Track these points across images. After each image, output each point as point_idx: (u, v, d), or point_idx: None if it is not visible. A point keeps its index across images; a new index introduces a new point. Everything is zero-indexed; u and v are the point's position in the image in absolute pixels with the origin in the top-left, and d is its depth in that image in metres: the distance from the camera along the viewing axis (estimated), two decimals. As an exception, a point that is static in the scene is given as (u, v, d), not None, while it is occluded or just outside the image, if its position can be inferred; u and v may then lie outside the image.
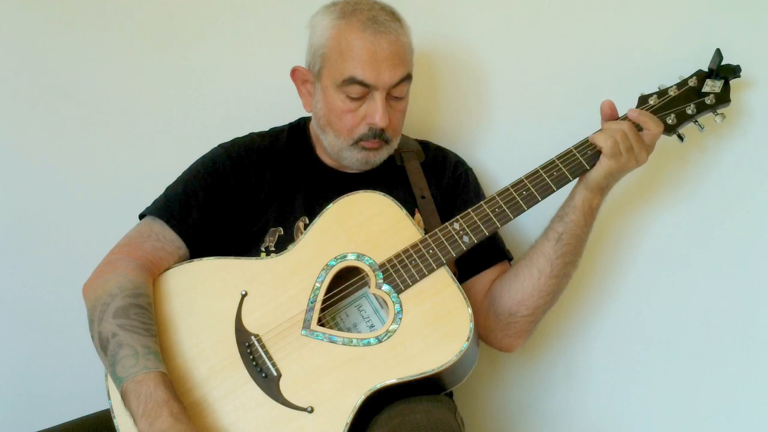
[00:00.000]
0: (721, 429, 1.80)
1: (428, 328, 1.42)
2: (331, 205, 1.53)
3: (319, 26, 1.56)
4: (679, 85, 1.59)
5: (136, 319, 1.41)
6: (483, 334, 1.59)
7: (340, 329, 1.49)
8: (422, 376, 1.38)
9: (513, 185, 1.51)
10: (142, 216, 1.59)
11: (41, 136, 1.92)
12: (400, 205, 1.53)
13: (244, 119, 1.74)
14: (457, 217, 1.50)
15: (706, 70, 1.59)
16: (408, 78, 1.55)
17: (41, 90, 1.91)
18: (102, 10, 1.90)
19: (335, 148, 1.59)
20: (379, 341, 1.42)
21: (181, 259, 1.54)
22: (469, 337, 1.40)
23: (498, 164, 1.82)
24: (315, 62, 1.56)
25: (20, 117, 1.92)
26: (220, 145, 1.65)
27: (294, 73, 1.62)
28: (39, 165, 1.92)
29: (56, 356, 1.93)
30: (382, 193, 1.53)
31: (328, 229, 1.52)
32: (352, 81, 1.51)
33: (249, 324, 1.46)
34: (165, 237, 1.54)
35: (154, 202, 1.59)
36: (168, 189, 1.60)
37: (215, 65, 1.91)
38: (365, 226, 1.51)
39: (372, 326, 1.50)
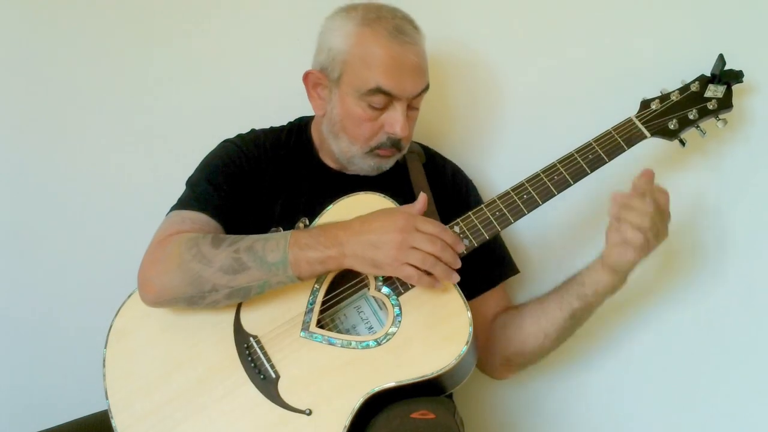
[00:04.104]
0: (721, 429, 1.80)
1: (427, 331, 1.42)
2: (330, 206, 1.52)
3: (339, 31, 1.52)
4: (681, 90, 1.58)
5: (233, 236, 1.44)
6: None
7: (339, 331, 1.49)
8: (421, 379, 1.38)
9: (514, 189, 1.50)
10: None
11: (45, 137, 1.92)
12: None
13: (246, 119, 1.72)
14: (457, 220, 1.49)
15: (709, 75, 1.59)
16: (427, 88, 1.55)
17: (49, 91, 1.91)
18: (102, 9, 1.90)
19: (347, 154, 1.57)
20: (378, 344, 1.41)
21: None
22: (468, 341, 1.39)
23: (498, 167, 1.81)
24: (333, 68, 1.53)
25: (25, 117, 1.92)
26: (228, 141, 1.63)
27: (307, 76, 1.58)
28: (41, 165, 1.92)
29: (56, 356, 1.92)
30: (382, 195, 1.52)
31: None
32: (376, 91, 1.49)
33: (247, 325, 1.46)
34: (202, 221, 1.51)
35: (181, 198, 1.56)
36: (192, 184, 1.58)
37: (214, 66, 1.91)
38: None
39: (371, 328, 1.50)
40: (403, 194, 1.58)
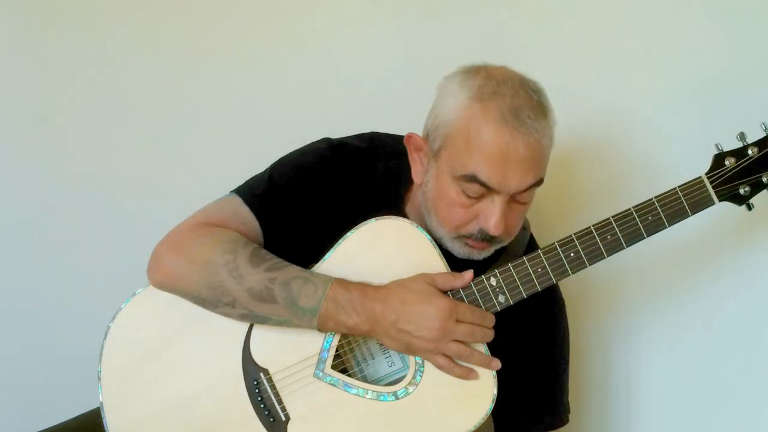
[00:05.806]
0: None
1: (448, 392, 1.35)
2: (353, 231, 1.38)
3: (451, 99, 1.31)
4: (761, 146, 1.41)
5: (274, 258, 1.34)
6: None
7: (355, 358, 1.42)
8: None
9: (561, 244, 1.36)
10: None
11: (46, 137, 1.88)
12: (433, 241, 1.38)
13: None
14: (496, 271, 1.36)
15: (792, 126, 1.43)
16: (538, 183, 1.33)
17: (54, 90, 1.87)
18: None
19: (436, 233, 1.38)
20: (396, 398, 1.35)
21: None
22: (487, 412, 1.34)
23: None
24: (436, 138, 1.33)
25: (27, 117, 1.86)
26: (327, 148, 1.46)
27: (408, 139, 1.39)
28: (43, 164, 1.87)
29: (56, 356, 1.90)
30: (415, 224, 1.38)
31: (352, 258, 1.38)
32: (472, 179, 1.29)
33: (258, 353, 1.38)
34: (250, 225, 1.40)
35: (250, 185, 1.44)
36: (271, 176, 1.43)
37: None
38: (392, 260, 1.37)
39: (388, 356, 1.42)
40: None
